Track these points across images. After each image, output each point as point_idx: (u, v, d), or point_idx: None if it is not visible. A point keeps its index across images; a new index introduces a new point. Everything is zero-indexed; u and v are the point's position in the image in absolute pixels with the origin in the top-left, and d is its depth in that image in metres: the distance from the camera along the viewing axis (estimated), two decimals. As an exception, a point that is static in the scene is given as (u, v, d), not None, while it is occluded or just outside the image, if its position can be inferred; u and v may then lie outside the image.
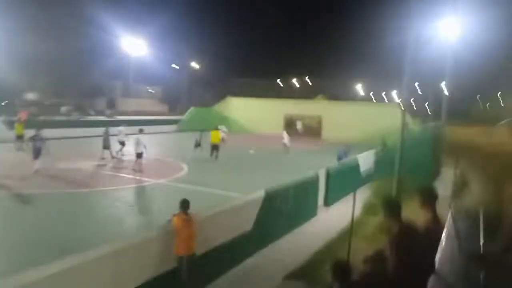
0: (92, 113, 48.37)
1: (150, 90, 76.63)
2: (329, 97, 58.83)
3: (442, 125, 23.53)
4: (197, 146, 20.92)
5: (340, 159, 15.87)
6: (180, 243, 5.87)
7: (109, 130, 18.71)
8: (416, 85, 59.27)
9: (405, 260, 3.86)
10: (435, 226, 4.08)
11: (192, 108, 40.55)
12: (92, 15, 48.10)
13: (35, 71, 45.60)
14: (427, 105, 60.49)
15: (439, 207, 4.37)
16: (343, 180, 12.37)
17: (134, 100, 63.85)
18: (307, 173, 11.07)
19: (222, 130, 24.06)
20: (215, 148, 20.09)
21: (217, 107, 41.77)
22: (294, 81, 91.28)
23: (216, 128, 21.33)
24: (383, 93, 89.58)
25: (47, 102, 45.57)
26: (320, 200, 11.46)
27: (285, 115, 38.38)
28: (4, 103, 40.40)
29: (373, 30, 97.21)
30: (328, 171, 11.93)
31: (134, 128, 18.77)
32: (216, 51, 78.35)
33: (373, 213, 9.54)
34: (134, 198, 12.77)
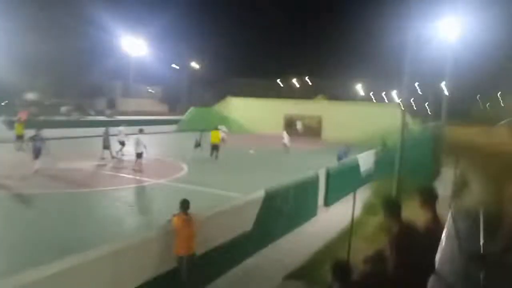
0: (92, 113, 48.36)
1: (150, 90, 76.64)
2: (329, 97, 58.81)
3: (442, 125, 23.54)
4: (197, 146, 20.92)
5: (340, 159, 15.87)
6: (180, 243, 5.87)
7: (109, 130, 18.72)
8: (416, 85, 59.30)
9: (405, 260, 3.86)
10: (435, 226, 4.08)
11: (192, 108, 40.55)
12: (92, 15, 48.10)
13: (35, 71, 45.59)
14: (427, 105, 60.46)
15: (439, 207, 4.37)
16: (343, 180, 12.37)
17: (134, 100, 63.84)
18: (307, 173, 11.06)
19: (222, 130, 24.05)
20: (215, 148, 20.08)
21: (217, 107, 41.77)
22: (294, 81, 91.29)
23: (216, 128, 21.32)
24: (383, 93, 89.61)
25: (47, 102, 45.57)
26: (320, 200, 11.45)
27: (285, 115, 38.39)
28: (4, 103, 40.39)
29: (373, 30, 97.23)
30: (328, 171, 11.93)
31: (134, 128, 18.79)
32: (216, 51, 78.38)
33: (373, 213, 9.53)
34: (134, 198, 12.77)
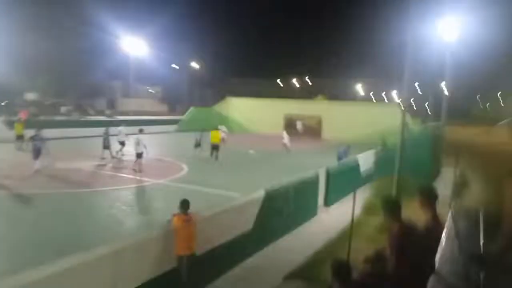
0: (92, 113, 48.41)
1: (150, 90, 76.65)
2: (329, 97, 58.84)
3: (442, 125, 23.57)
4: (197, 146, 20.92)
5: (340, 159, 15.87)
6: (180, 243, 5.87)
7: (109, 130, 18.72)
8: (416, 85, 59.33)
9: (405, 260, 3.86)
10: (435, 226, 4.08)
11: (192, 108, 40.56)
12: (92, 15, 48.15)
13: (35, 71, 45.62)
14: (427, 105, 60.49)
15: (439, 207, 4.37)
16: (343, 180, 12.37)
17: (134, 100, 63.89)
18: (307, 173, 11.06)
19: (222, 130, 24.06)
20: (215, 148, 20.08)
21: (217, 107, 41.77)
22: (294, 81, 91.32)
23: (216, 128, 21.33)
24: (383, 93, 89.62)
25: (47, 102, 45.63)
26: (320, 200, 11.45)
27: (285, 115, 38.39)
28: (4, 103, 40.40)
29: (373, 30, 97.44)
30: (328, 171, 11.93)
31: (134, 128, 18.81)
32: (216, 51, 78.45)
33: (373, 213, 9.53)
34: (134, 198, 12.77)
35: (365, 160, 14.86)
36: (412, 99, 63.35)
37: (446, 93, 27.24)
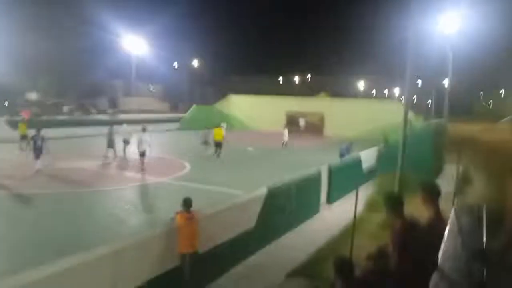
0: (94, 112, 48.50)
1: (152, 89, 76.69)
2: (331, 94, 58.78)
3: (445, 122, 23.50)
4: (205, 143, 21.05)
5: (342, 156, 15.85)
6: (183, 241, 5.88)
7: (113, 129, 18.68)
8: (419, 82, 59.17)
9: (408, 257, 3.85)
10: (438, 223, 4.06)
11: (194, 106, 40.54)
12: (93, 14, 48.17)
13: (36, 71, 45.73)
14: (430, 102, 60.33)
15: (442, 204, 4.35)
16: (346, 177, 12.34)
17: (136, 99, 63.97)
18: (309, 170, 11.05)
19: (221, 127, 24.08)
20: (218, 145, 20.14)
21: (219, 105, 41.75)
22: (296, 78, 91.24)
23: (219, 126, 21.38)
24: (385, 90, 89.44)
25: (49, 102, 45.69)
26: (323, 198, 11.44)
27: (287, 112, 38.34)
28: (6, 103, 40.48)
29: (375, 27, 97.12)
30: (330, 168, 11.92)
31: (137, 127, 18.84)
32: (217, 49, 78.52)
33: (376, 210, 9.52)
34: (137, 197, 12.79)
35: (368, 157, 14.83)
36: (415, 96, 63.21)
37: (449, 90, 27.18)
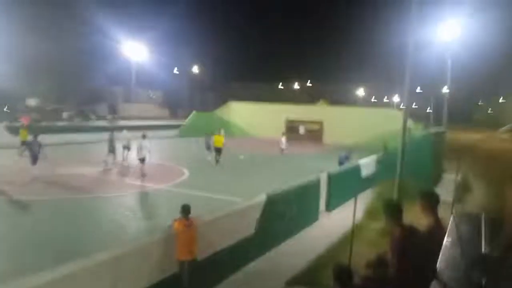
0: (94, 119, 48.49)
1: (151, 95, 76.81)
2: (331, 101, 58.95)
3: (444, 130, 23.53)
4: (208, 149, 21.10)
5: (341, 164, 15.85)
6: (181, 248, 5.86)
7: (114, 135, 18.63)
8: (419, 90, 59.36)
9: (407, 265, 3.85)
10: (437, 231, 4.07)
11: (194, 113, 40.55)
12: (93, 20, 48.42)
13: (36, 77, 45.81)
14: (430, 109, 60.47)
15: (441, 212, 4.36)
16: (345, 185, 12.33)
17: (136, 105, 64.06)
18: (308, 178, 11.04)
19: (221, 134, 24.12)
20: (218, 152, 20.19)
21: (218, 112, 41.76)
22: (296, 86, 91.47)
23: (219, 133, 21.42)
24: (385, 98, 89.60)
25: (49, 108, 45.69)
26: (322, 205, 11.42)
27: (286, 120, 38.38)
28: (6, 109, 40.45)
29: (375, 35, 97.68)
30: (330, 176, 11.91)
31: (136, 133, 18.83)
32: (217, 56, 78.82)
33: (375, 218, 9.51)
34: (136, 204, 12.74)
35: (367, 165, 14.83)
36: (414, 104, 63.34)
37: (448, 98, 27.28)
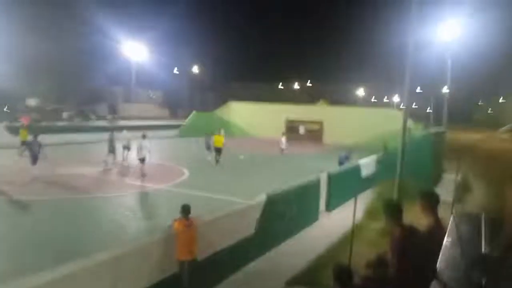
0: (94, 119, 48.48)
1: (151, 95, 76.78)
2: (331, 101, 58.93)
3: (444, 130, 23.53)
4: (209, 149, 21.11)
5: (341, 164, 15.85)
6: (181, 248, 5.86)
7: (114, 135, 18.61)
8: (419, 90, 59.37)
9: (407, 265, 3.85)
10: (437, 231, 4.07)
11: (194, 113, 40.54)
12: (93, 21, 48.42)
13: (36, 77, 45.79)
14: (430, 110, 60.47)
15: (441, 212, 4.36)
16: (345, 185, 12.33)
17: (136, 105, 64.04)
18: (309, 178, 11.04)
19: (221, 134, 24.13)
20: (218, 152, 20.19)
21: (219, 112, 41.75)
22: (296, 86, 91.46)
23: (219, 132, 21.42)
24: (385, 98, 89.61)
25: (49, 108, 45.68)
26: (322, 205, 11.41)
27: (286, 119, 38.38)
28: (6, 109, 40.43)
29: (375, 35, 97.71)
30: (330, 176, 11.91)
31: (136, 133, 18.81)
32: (217, 56, 78.81)
33: (375, 218, 9.51)
34: (136, 204, 12.74)
35: (367, 165, 14.83)
36: (414, 104, 63.33)
37: (448, 97, 27.27)
